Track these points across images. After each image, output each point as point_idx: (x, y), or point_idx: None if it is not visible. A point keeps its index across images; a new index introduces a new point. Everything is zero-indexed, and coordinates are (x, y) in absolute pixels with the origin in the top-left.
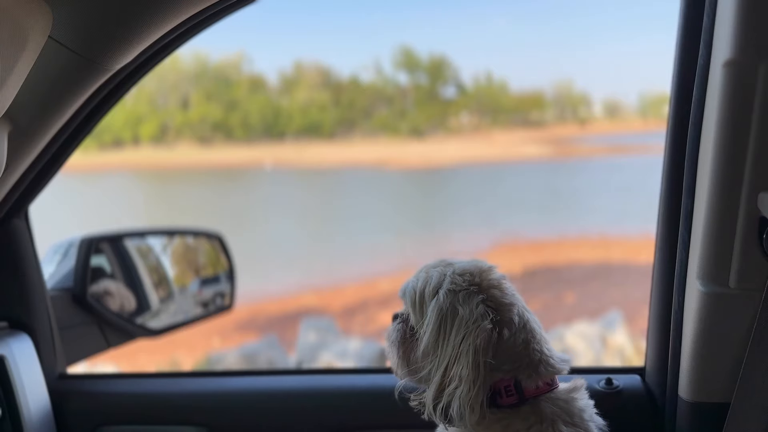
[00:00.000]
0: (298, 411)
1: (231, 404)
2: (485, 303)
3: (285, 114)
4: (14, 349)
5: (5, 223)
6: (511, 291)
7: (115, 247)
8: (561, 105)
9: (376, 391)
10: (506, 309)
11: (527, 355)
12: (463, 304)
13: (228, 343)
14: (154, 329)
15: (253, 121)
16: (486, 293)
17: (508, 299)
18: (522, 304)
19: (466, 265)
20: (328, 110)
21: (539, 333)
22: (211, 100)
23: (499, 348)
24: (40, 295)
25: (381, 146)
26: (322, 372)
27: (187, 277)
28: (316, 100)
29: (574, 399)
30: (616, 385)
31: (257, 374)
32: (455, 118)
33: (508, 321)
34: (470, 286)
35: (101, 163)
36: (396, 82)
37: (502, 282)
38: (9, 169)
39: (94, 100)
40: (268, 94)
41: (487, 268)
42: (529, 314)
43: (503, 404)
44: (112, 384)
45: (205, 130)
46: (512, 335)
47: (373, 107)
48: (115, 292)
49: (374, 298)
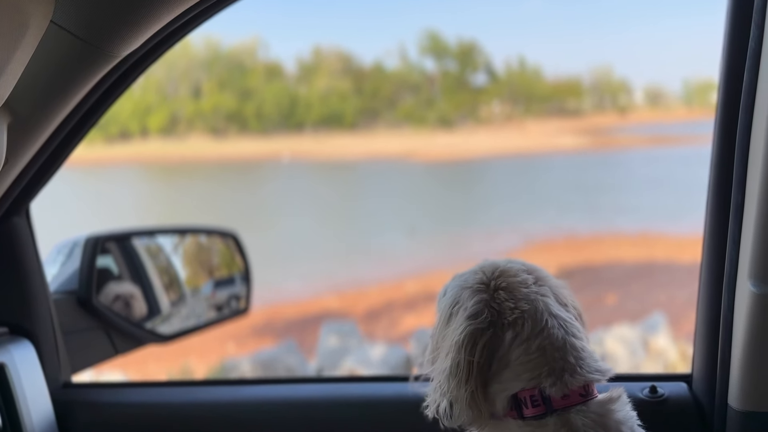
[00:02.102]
0: (320, 422)
1: (247, 415)
2: (486, 303)
3: (303, 103)
4: (15, 356)
5: (5, 222)
6: (529, 295)
7: (123, 247)
8: (599, 92)
9: (404, 400)
10: (509, 311)
11: (546, 363)
12: (466, 301)
13: (243, 349)
14: (165, 334)
15: (269, 111)
16: (491, 293)
17: (514, 302)
18: (548, 308)
19: (488, 264)
20: (349, 99)
21: (562, 339)
22: (224, 88)
23: (506, 352)
24: (42, 299)
25: (406, 137)
26: (345, 380)
27: (199, 279)
28: (336, 88)
29: (612, 410)
30: (660, 393)
31: (275, 382)
32: (486, 107)
33: (512, 323)
34: (479, 284)
35: (107, 156)
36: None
37: (516, 285)
38: (9, 163)
39: (99, 89)
40: (285, 82)
41: (507, 269)
42: (554, 320)
43: (527, 415)
44: (120, 394)
45: (218, 121)
46: (522, 340)
47: (398, 96)
48: (133, 296)
49: (400, 300)
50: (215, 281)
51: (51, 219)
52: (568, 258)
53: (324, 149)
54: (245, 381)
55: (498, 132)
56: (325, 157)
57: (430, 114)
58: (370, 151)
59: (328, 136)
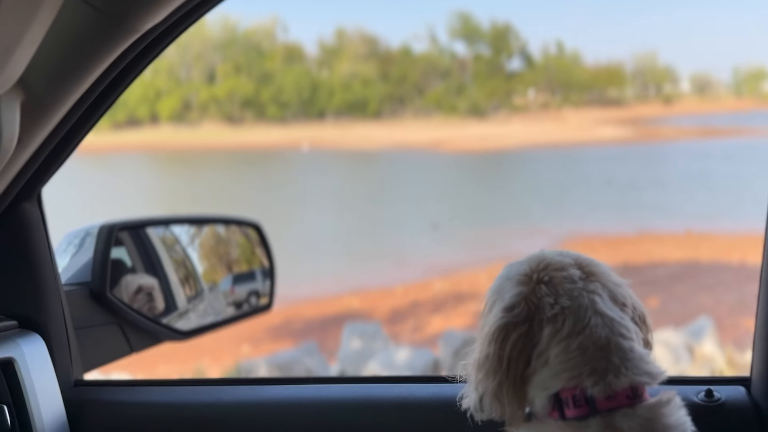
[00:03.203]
0: (343, 425)
1: (266, 416)
2: (524, 296)
3: (325, 89)
4: (25, 351)
5: (15, 208)
6: (572, 291)
7: (137, 237)
8: (643, 80)
9: (434, 402)
10: (548, 306)
11: (587, 362)
12: (505, 293)
13: (259, 350)
14: (182, 331)
15: (288, 97)
16: (532, 286)
17: (554, 298)
18: (593, 306)
19: (536, 255)
20: (373, 85)
21: (606, 339)
22: (241, 72)
23: (545, 349)
24: (53, 291)
25: (434, 126)
26: (370, 380)
27: (217, 273)
28: (360, 73)
29: (662, 414)
30: (717, 397)
31: (296, 382)
32: (520, 95)
33: (551, 319)
34: (522, 276)
35: (114, 143)
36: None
37: (560, 279)
38: (21, 144)
39: (117, 67)
40: (306, 67)
41: (554, 262)
42: (598, 318)
43: (569, 416)
44: (135, 393)
45: (234, 108)
46: (562, 338)
47: (426, 82)
48: (156, 288)
49: (427, 300)
50: (234, 276)
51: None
52: (606, 258)
53: (346, 138)
54: (264, 380)
55: (533, 122)
56: (347, 146)
57: (461, 102)
58: (396, 140)
59: (350, 125)
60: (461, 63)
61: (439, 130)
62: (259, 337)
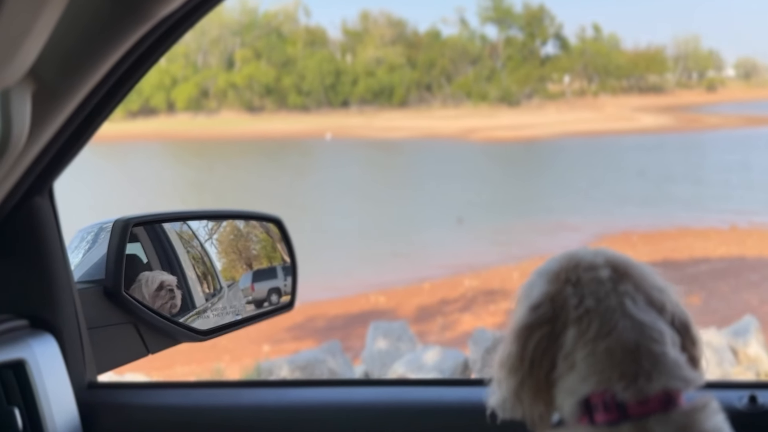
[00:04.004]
0: (369, 429)
1: (288, 420)
2: (550, 296)
3: (349, 75)
4: (37, 352)
5: (26, 202)
6: (599, 292)
7: (153, 232)
8: (685, 66)
9: (465, 407)
10: (573, 308)
11: (616, 367)
12: (533, 291)
13: (280, 350)
14: (201, 331)
15: (311, 84)
16: (559, 286)
17: (579, 299)
18: (622, 309)
19: (568, 253)
20: (400, 71)
21: (635, 343)
22: (261, 58)
23: (571, 352)
24: (66, 289)
25: (464, 115)
26: (397, 383)
27: (237, 270)
28: (386, 59)
29: (697, 420)
30: (761, 403)
31: (320, 385)
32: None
33: (576, 321)
34: (551, 274)
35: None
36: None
37: (588, 280)
38: (33, 136)
39: (132, 55)
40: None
41: (583, 261)
42: (626, 321)
43: (598, 421)
44: (150, 395)
45: (253, 95)
46: (588, 340)
47: (455, 68)
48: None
49: (456, 298)
50: (254, 273)
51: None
52: (645, 253)
53: (371, 127)
54: (286, 383)
55: (568, 110)
56: (372, 136)
57: (492, 89)
58: (423, 129)
59: (375, 113)
60: (492, 48)
61: (468, 118)
62: (280, 336)
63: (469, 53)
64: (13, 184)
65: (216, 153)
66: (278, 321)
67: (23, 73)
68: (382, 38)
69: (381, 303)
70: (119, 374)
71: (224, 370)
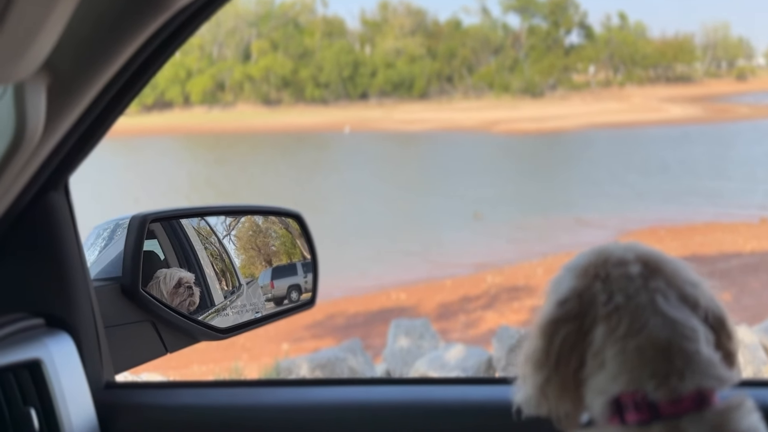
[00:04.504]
0: (392, 429)
1: (309, 420)
2: (577, 292)
3: (368, 67)
4: (53, 351)
5: (41, 198)
6: (628, 288)
7: (170, 228)
8: (714, 55)
9: (490, 405)
10: (601, 305)
11: (647, 365)
12: (561, 285)
13: (299, 349)
14: (220, 329)
15: (329, 76)
16: (588, 282)
17: (607, 295)
18: (653, 305)
19: (598, 248)
20: (420, 62)
21: (666, 341)
22: (277, 49)
23: (600, 350)
24: (82, 287)
25: (486, 106)
26: (420, 382)
27: (256, 267)
28: (405, 49)
29: (731, 420)
30: None
31: (341, 384)
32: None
33: (605, 318)
34: (580, 269)
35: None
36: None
37: (617, 276)
38: (48, 130)
39: (149, 47)
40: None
41: (613, 256)
42: (657, 318)
43: (629, 421)
44: (169, 395)
45: (270, 88)
46: (617, 338)
47: (477, 58)
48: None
49: (479, 294)
50: (273, 269)
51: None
52: (673, 248)
53: (391, 120)
54: (306, 381)
55: (593, 101)
56: (391, 128)
57: (515, 79)
58: (444, 122)
59: (395, 105)
60: (515, 37)
61: (490, 110)
62: (299, 334)
63: (491, 43)
64: (28, 179)
65: (232, 147)
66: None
67: (38, 66)
68: (401, 28)
69: (402, 300)
70: (135, 374)
71: (242, 369)
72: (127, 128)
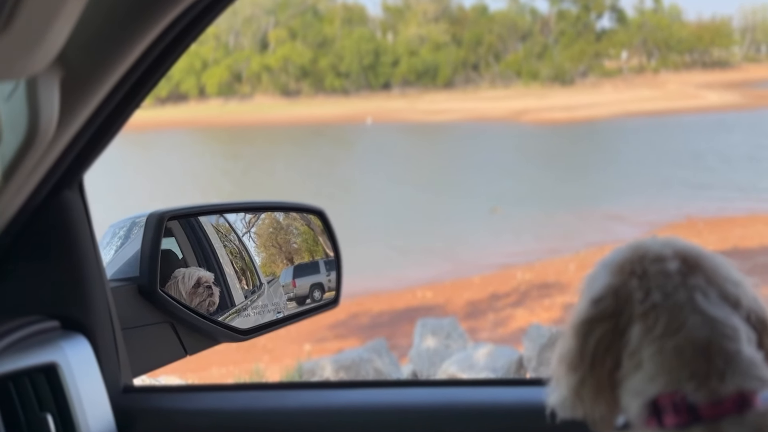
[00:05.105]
0: None
1: (334, 423)
2: (613, 289)
3: (390, 55)
4: (69, 355)
5: (55, 197)
6: (667, 285)
7: (188, 226)
8: (753, 38)
9: (521, 407)
10: (638, 303)
11: (686, 366)
12: (596, 282)
13: (322, 350)
14: (241, 330)
15: (349, 65)
16: (624, 278)
17: (644, 293)
18: (692, 304)
19: (635, 243)
20: (445, 50)
21: (706, 340)
22: (296, 38)
23: (636, 350)
24: (99, 288)
25: (514, 95)
26: (448, 384)
27: (277, 265)
28: (429, 36)
29: None
30: None
31: (367, 386)
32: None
33: (642, 317)
34: (615, 265)
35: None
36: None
37: (654, 272)
38: (61, 126)
39: (165, 39)
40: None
41: (650, 252)
42: (697, 317)
43: (667, 424)
44: (189, 399)
45: (289, 78)
46: (655, 338)
47: (504, 45)
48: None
49: (508, 292)
50: (295, 268)
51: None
52: (712, 241)
53: (414, 110)
54: (330, 384)
55: (626, 88)
56: (415, 119)
57: (544, 67)
58: (470, 112)
59: (419, 95)
60: (544, 22)
61: (518, 99)
62: (322, 334)
63: (518, 29)
64: (41, 177)
65: (249, 141)
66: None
67: (50, 60)
68: (424, 14)
69: (428, 298)
70: (153, 377)
71: (264, 371)
72: (141, 122)
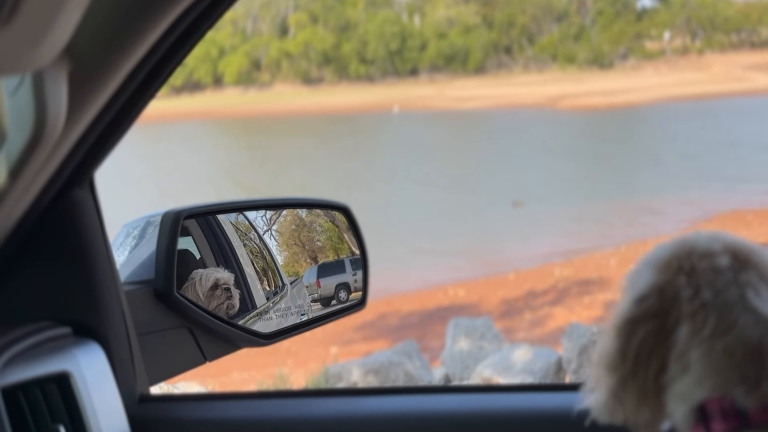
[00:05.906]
0: None
1: (364, 431)
2: (658, 287)
3: (417, 39)
4: (82, 363)
5: (65, 196)
6: (717, 283)
7: (206, 225)
8: None
9: (562, 414)
10: (686, 301)
11: (736, 368)
12: (639, 280)
13: (349, 353)
14: (263, 334)
15: (374, 51)
16: (670, 276)
17: (693, 291)
18: (744, 302)
19: (682, 238)
20: (475, 32)
21: (758, 341)
22: (317, 22)
23: (684, 352)
24: (112, 291)
25: (550, 80)
26: (483, 390)
27: (300, 265)
28: (459, 19)
29: None
30: None
31: (397, 393)
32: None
33: (690, 316)
34: (661, 262)
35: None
36: None
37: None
38: (70, 122)
39: (178, 28)
40: (394, 13)
41: (699, 247)
42: (749, 316)
43: (716, 430)
44: (209, 408)
45: (311, 65)
46: (704, 338)
47: (539, 27)
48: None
49: (546, 289)
50: (319, 267)
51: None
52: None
53: (444, 97)
54: (358, 391)
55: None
56: (445, 107)
57: (581, 49)
58: (503, 98)
59: (448, 81)
60: (580, 2)
61: (554, 84)
62: (349, 336)
63: (553, 9)
64: (50, 175)
65: (269, 132)
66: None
67: (57, 52)
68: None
69: (460, 297)
70: (171, 384)
71: (288, 377)
72: (155, 113)
